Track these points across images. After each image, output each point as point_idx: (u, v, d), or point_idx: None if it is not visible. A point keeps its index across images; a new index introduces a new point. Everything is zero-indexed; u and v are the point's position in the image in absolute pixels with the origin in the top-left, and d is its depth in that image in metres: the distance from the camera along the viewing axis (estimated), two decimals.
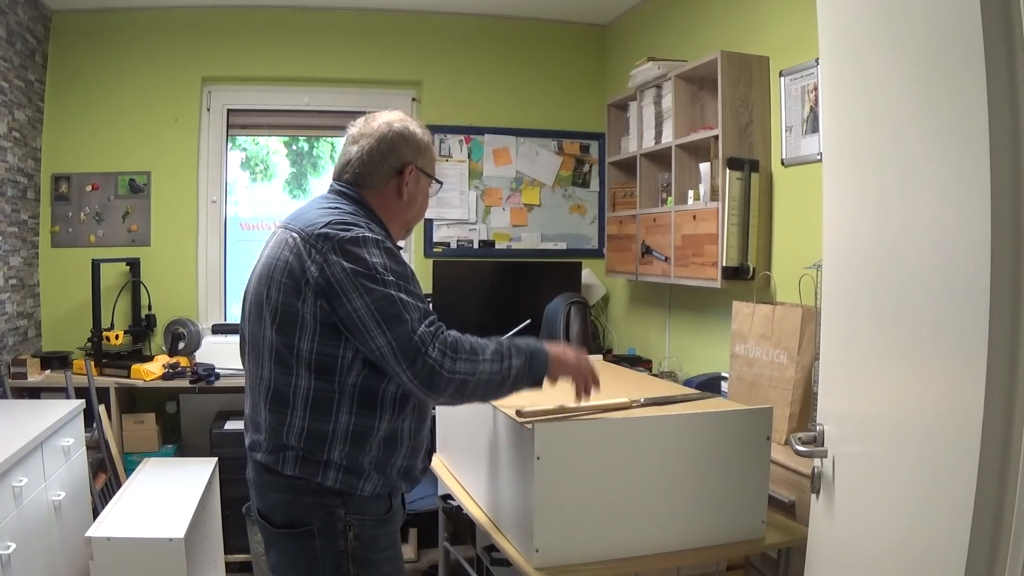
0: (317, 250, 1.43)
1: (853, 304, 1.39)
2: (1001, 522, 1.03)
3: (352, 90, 4.13)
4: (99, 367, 3.47)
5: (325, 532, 1.48)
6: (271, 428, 1.49)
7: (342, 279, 1.41)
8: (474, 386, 1.45)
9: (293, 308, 1.44)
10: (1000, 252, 1.02)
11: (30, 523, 2.31)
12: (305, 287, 1.43)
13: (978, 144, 1.03)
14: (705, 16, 3.33)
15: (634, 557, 1.67)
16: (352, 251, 1.43)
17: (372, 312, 1.40)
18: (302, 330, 1.44)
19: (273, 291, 1.47)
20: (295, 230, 1.50)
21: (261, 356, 1.51)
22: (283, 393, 1.48)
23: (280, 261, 1.48)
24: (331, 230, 1.45)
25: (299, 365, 1.46)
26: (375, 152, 1.59)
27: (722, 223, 2.79)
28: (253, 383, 1.56)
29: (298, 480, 1.48)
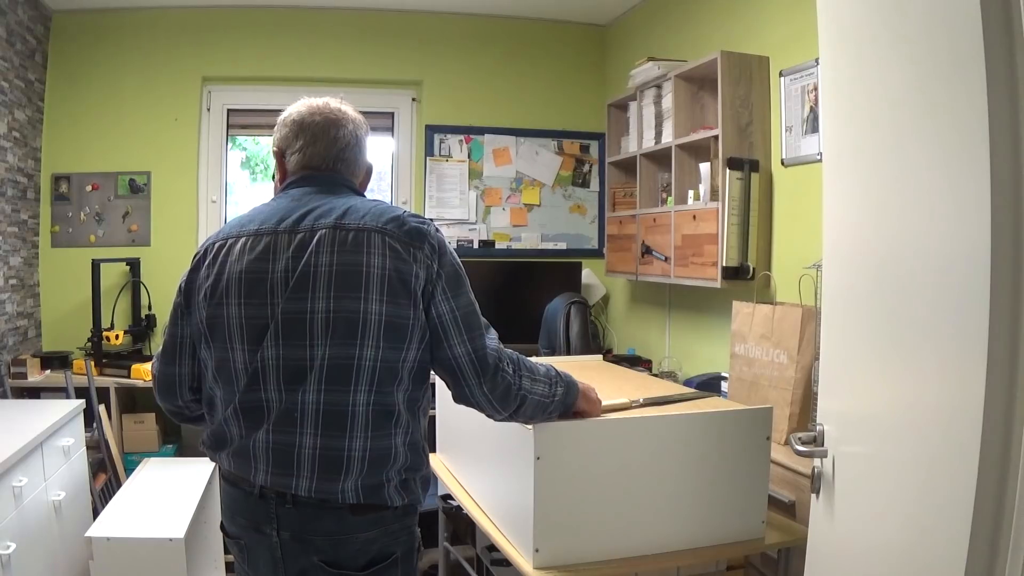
0: (417, 248, 1.32)
1: (853, 304, 1.39)
2: (1001, 522, 1.03)
3: (352, 90, 4.13)
4: (99, 367, 3.47)
5: (407, 555, 1.38)
6: (372, 457, 1.30)
7: (432, 279, 1.33)
8: (530, 405, 1.43)
9: (404, 318, 1.30)
10: (1000, 252, 1.02)
11: (30, 523, 2.31)
12: (416, 292, 1.31)
13: (978, 144, 1.03)
14: (705, 16, 3.33)
15: (634, 557, 1.67)
16: (443, 248, 1.36)
17: (457, 319, 1.33)
18: (412, 340, 1.32)
19: (373, 303, 1.28)
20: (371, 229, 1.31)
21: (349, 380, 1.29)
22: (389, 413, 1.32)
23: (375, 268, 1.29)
24: (415, 224, 1.34)
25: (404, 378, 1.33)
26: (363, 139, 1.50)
27: (722, 223, 2.79)
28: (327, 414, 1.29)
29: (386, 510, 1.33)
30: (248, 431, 1.34)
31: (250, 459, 1.33)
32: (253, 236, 1.37)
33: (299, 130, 1.44)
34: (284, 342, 1.30)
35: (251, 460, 1.33)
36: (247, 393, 1.33)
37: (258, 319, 1.33)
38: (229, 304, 1.35)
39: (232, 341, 1.35)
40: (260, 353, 1.32)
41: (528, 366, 1.44)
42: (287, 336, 1.30)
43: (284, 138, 1.47)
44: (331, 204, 1.36)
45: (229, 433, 1.36)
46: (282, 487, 1.30)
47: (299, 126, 1.44)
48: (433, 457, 2.37)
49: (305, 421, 1.29)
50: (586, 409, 1.60)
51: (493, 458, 1.87)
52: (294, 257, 1.32)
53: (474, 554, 2.41)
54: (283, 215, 1.37)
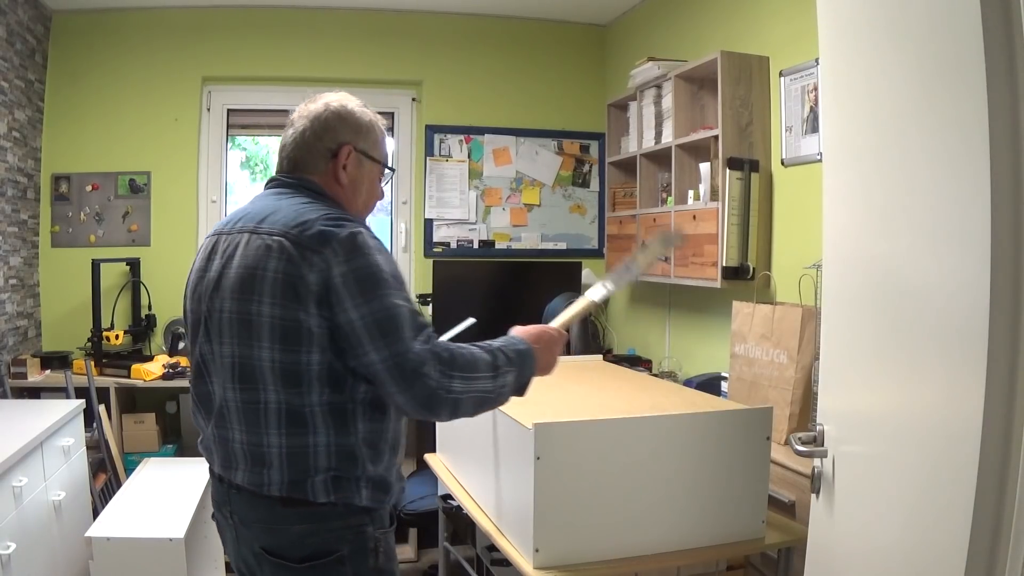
0: (314, 251, 1.29)
1: (853, 304, 1.39)
2: (1001, 522, 1.03)
3: (352, 90, 4.05)
4: (99, 367, 3.47)
5: (356, 555, 1.37)
6: (290, 453, 1.33)
7: (340, 284, 1.28)
8: (468, 405, 1.35)
9: (295, 322, 1.29)
10: (1000, 252, 1.02)
11: (30, 523, 2.31)
12: (307, 296, 1.28)
13: (978, 144, 1.03)
14: (705, 16, 3.33)
15: (634, 557, 1.67)
16: (354, 251, 1.30)
17: (367, 325, 1.28)
18: (309, 343, 1.30)
19: (265, 306, 1.31)
20: (274, 233, 1.33)
21: (256, 378, 1.33)
22: (299, 413, 1.32)
23: (268, 271, 1.31)
24: (325, 228, 1.31)
25: (311, 380, 1.31)
26: (308, 133, 1.46)
27: (722, 223, 2.79)
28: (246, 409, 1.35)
29: (324, 506, 1.34)
30: (206, 421, 1.45)
31: (209, 450, 1.45)
32: (211, 237, 1.47)
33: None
34: (212, 339, 1.39)
35: (210, 451, 1.45)
36: (197, 385, 1.45)
37: (195, 315, 1.43)
38: (187, 299, 1.47)
39: (190, 336, 1.47)
40: (199, 348, 1.42)
41: (464, 363, 1.34)
42: (212, 334, 1.39)
43: None
44: (266, 207, 1.40)
45: (198, 422, 1.49)
46: (228, 476, 1.40)
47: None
48: (433, 457, 2.37)
49: (232, 416, 1.37)
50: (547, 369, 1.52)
51: (493, 458, 1.87)
52: (220, 258, 1.39)
53: (474, 554, 2.41)
54: (236, 216, 1.45)
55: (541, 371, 1.50)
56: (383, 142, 1.56)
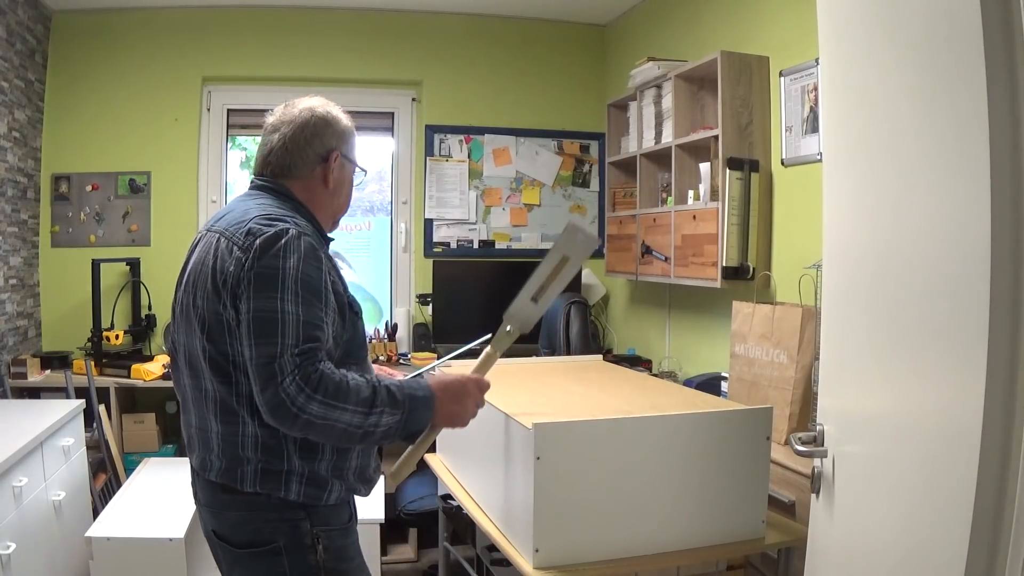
0: (240, 247, 1.35)
1: (853, 304, 1.39)
2: (1001, 522, 1.03)
3: (352, 90, 4.13)
4: (99, 367, 3.47)
5: (293, 548, 1.40)
6: (224, 440, 1.39)
7: (243, 278, 1.33)
8: (322, 430, 1.31)
9: (217, 314, 1.36)
10: (1000, 252, 1.02)
11: (30, 523, 2.31)
12: (224, 289, 1.35)
13: (978, 144, 1.03)
14: (705, 16, 3.33)
15: (634, 557, 1.67)
16: (268, 250, 1.33)
17: (249, 320, 1.31)
18: (230, 335, 1.35)
19: (199, 298, 1.39)
20: (220, 231, 1.41)
21: (198, 367, 1.41)
22: (228, 403, 1.38)
23: (205, 266, 1.39)
24: (255, 225, 1.36)
25: (236, 372, 1.36)
26: (299, 139, 1.49)
27: (722, 223, 2.79)
28: (195, 396, 1.44)
29: (259, 496, 1.39)
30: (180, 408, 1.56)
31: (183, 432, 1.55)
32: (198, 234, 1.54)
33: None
34: (176, 330, 1.49)
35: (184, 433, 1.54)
36: (173, 374, 1.55)
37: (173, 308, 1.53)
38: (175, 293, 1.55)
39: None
40: (171, 338, 1.53)
41: (333, 390, 1.30)
42: (176, 325, 1.49)
43: None
44: (233, 207, 1.47)
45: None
46: (191, 459, 1.50)
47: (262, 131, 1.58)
48: (433, 457, 2.37)
49: (189, 403, 1.47)
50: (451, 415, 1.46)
51: (493, 458, 1.87)
52: (189, 256, 1.49)
53: (474, 554, 2.41)
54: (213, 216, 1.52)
55: (444, 421, 1.46)
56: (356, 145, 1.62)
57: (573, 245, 1.57)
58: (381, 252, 4.32)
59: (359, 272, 4.30)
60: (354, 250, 4.31)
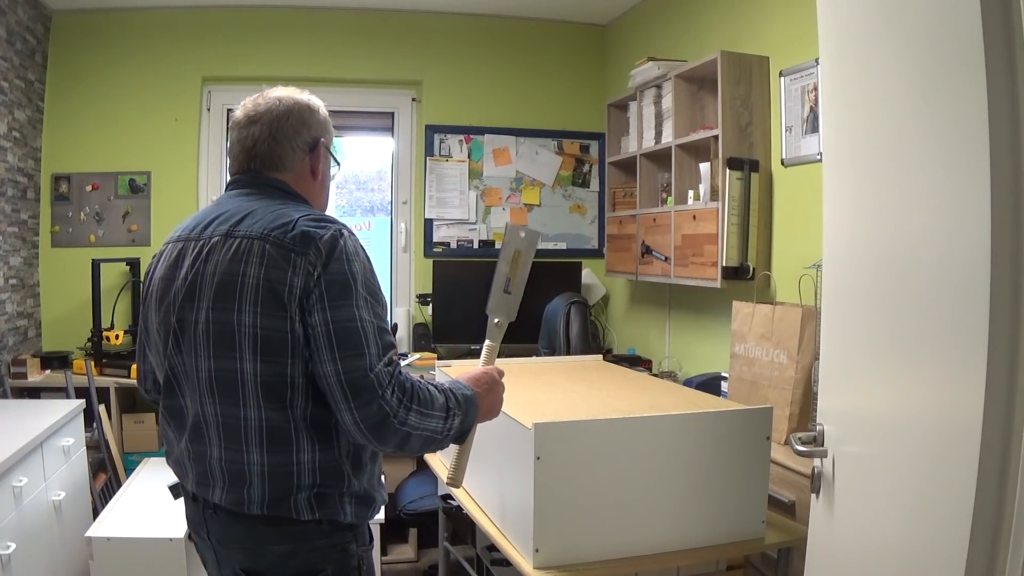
0: (297, 253, 1.23)
1: (853, 304, 1.39)
2: (1001, 522, 1.03)
3: (352, 90, 4.13)
4: (99, 367, 3.47)
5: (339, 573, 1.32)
6: (271, 472, 1.27)
7: (315, 287, 1.22)
8: (415, 441, 1.29)
9: (280, 331, 1.23)
10: (1000, 252, 1.02)
11: (30, 523, 2.31)
12: (291, 301, 1.22)
13: (978, 144, 1.03)
14: (705, 16, 3.34)
15: (634, 557, 1.67)
16: (332, 255, 1.24)
17: (329, 333, 1.22)
18: (294, 354, 1.24)
19: (246, 315, 1.24)
20: (253, 236, 1.27)
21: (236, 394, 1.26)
22: (282, 429, 1.26)
23: (248, 277, 1.24)
24: (308, 228, 1.25)
25: (295, 394, 1.26)
26: (286, 128, 1.40)
27: (722, 223, 2.79)
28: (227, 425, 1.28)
29: (311, 523, 1.29)
30: (178, 436, 1.37)
31: (183, 466, 1.38)
32: (174, 243, 1.39)
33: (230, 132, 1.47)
34: (184, 352, 1.31)
35: (183, 467, 1.38)
36: (168, 399, 1.37)
37: (165, 326, 1.34)
38: (150, 310, 1.39)
39: (154, 347, 1.39)
40: (168, 361, 1.34)
41: (423, 398, 1.28)
42: (184, 345, 1.31)
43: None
44: (239, 208, 1.33)
45: (167, 437, 1.41)
46: (204, 494, 1.33)
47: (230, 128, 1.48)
48: (433, 457, 2.37)
49: (210, 432, 1.30)
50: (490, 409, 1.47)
51: (493, 458, 1.87)
52: (191, 265, 1.31)
53: (474, 554, 2.41)
54: (201, 220, 1.38)
55: (484, 415, 1.45)
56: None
57: (519, 241, 1.67)
58: (381, 252, 4.33)
59: None
60: None
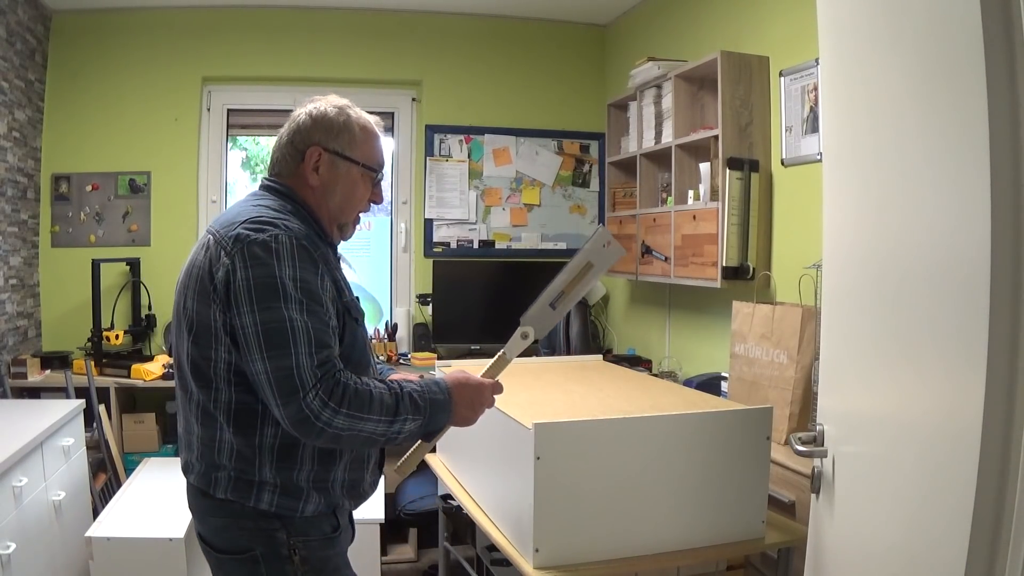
0: (227, 253, 1.30)
1: (853, 304, 1.39)
2: (1001, 522, 1.03)
3: (352, 90, 4.12)
4: (99, 367, 3.47)
5: (270, 557, 1.37)
6: (203, 445, 1.39)
7: (238, 288, 1.28)
8: (348, 440, 1.32)
9: (205, 318, 1.33)
10: (1000, 252, 1.02)
11: (30, 523, 2.31)
12: (213, 294, 1.31)
13: (978, 144, 1.03)
14: (705, 16, 3.33)
15: (634, 557, 1.67)
16: (259, 256, 1.29)
17: (258, 333, 1.27)
18: (216, 341, 1.32)
19: (189, 300, 1.36)
20: (213, 232, 1.37)
21: (184, 370, 1.39)
22: (207, 408, 1.37)
23: (195, 267, 1.36)
24: (244, 230, 1.31)
25: (217, 378, 1.34)
26: (283, 135, 1.50)
27: (722, 223, 2.79)
28: (182, 398, 1.43)
29: (233, 503, 1.37)
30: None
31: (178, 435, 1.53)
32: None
33: None
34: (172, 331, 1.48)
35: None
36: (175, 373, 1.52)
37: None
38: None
39: None
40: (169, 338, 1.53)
41: (358, 402, 1.29)
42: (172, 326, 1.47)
43: None
44: (232, 209, 1.44)
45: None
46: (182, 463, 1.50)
47: None
48: (433, 457, 2.37)
49: (179, 405, 1.46)
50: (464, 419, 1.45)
51: (493, 458, 1.87)
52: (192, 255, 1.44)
53: (474, 554, 2.41)
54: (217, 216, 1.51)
55: (458, 423, 1.45)
56: (368, 143, 1.50)
57: (599, 252, 1.50)
58: (381, 252, 4.33)
59: (359, 272, 4.30)
60: (354, 250, 4.30)
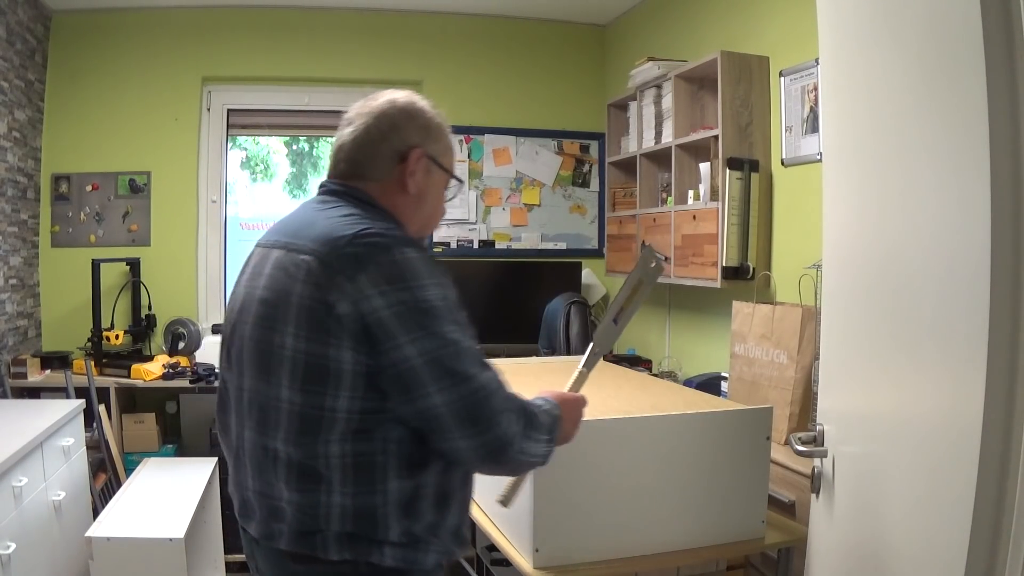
0: (346, 277, 1.09)
1: (853, 304, 1.39)
2: (1001, 522, 1.03)
3: (352, 90, 4.11)
4: (99, 367, 3.47)
5: None
6: (301, 511, 1.15)
7: (381, 320, 1.08)
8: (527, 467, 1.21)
9: (322, 359, 1.10)
10: (1000, 251, 1.02)
11: (30, 523, 2.31)
12: (338, 330, 1.09)
13: (978, 143, 1.03)
14: (705, 16, 3.33)
15: (634, 557, 1.67)
16: (395, 277, 1.10)
17: (425, 364, 1.09)
18: (337, 386, 1.10)
19: (288, 337, 1.12)
20: (303, 251, 1.15)
21: (269, 422, 1.16)
22: (312, 468, 1.13)
23: (293, 296, 1.13)
24: (359, 248, 1.11)
25: (330, 430, 1.12)
26: (373, 133, 1.25)
27: (722, 223, 2.79)
28: (258, 456, 1.19)
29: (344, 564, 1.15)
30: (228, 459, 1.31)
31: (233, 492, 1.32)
32: (257, 248, 1.30)
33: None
34: (232, 368, 1.25)
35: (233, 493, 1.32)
36: (220, 415, 1.31)
37: (225, 336, 1.29)
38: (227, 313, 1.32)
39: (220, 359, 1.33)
40: (222, 375, 1.29)
41: (536, 423, 1.20)
42: (232, 362, 1.25)
43: None
44: (305, 218, 1.23)
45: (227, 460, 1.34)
46: (247, 525, 1.26)
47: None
48: None
49: (247, 460, 1.22)
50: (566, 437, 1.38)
51: None
52: (251, 276, 1.24)
53: (474, 554, 2.41)
54: (277, 228, 1.28)
55: (562, 441, 1.34)
56: (452, 149, 1.35)
57: (647, 271, 1.62)
58: None
59: None
60: None
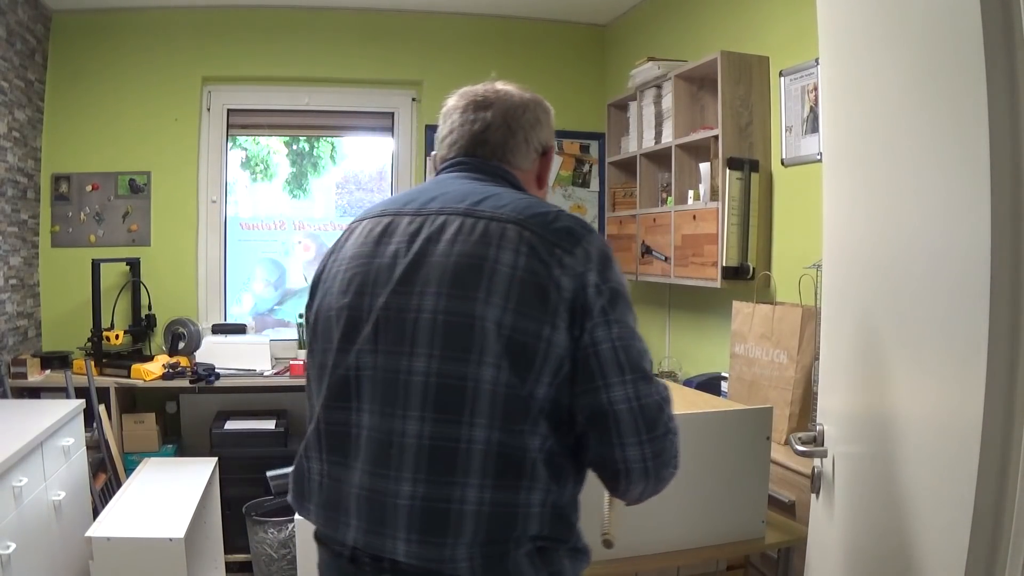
0: (565, 250, 1.01)
1: (853, 304, 1.39)
2: (1001, 522, 1.03)
3: (352, 90, 4.13)
4: (99, 367, 3.47)
5: None
6: (493, 516, 0.98)
7: (595, 297, 1.00)
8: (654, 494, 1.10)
9: (532, 337, 0.98)
10: (1000, 251, 1.02)
11: (30, 523, 2.31)
12: (560, 306, 0.98)
13: (978, 143, 1.03)
14: (705, 16, 3.33)
15: (634, 557, 1.67)
16: (606, 259, 1.04)
17: (616, 350, 1.00)
18: (542, 368, 0.99)
19: (493, 309, 0.99)
20: (506, 219, 1.03)
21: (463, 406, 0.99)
22: (516, 459, 0.99)
23: (502, 265, 1.00)
24: (575, 226, 1.04)
25: (537, 419, 0.99)
26: (523, 122, 1.21)
27: (722, 223, 2.79)
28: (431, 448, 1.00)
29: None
30: (332, 467, 1.07)
31: (338, 509, 1.06)
32: (376, 218, 1.14)
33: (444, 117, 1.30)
34: (380, 347, 1.04)
35: (338, 510, 1.06)
36: (332, 410, 1.08)
37: (354, 313, 1.07)
38: (331, 294, 1.11)
39: (329, 341, 1.10)
40: (350, 358, 1.06)
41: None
42: (384, 340, 1.04)
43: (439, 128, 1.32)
44: (473, 189, 1.11)
45: (309, 470, 1.10)
46: (376, 549, 1.02)
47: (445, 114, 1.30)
48: None
49: (404, 459, 1.00)
50: None
51: None
52: (407, 243, 1.07)
53: None
54: (413, 196, 1.15)
55: None
56: None
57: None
58: None
59: None
60: None
